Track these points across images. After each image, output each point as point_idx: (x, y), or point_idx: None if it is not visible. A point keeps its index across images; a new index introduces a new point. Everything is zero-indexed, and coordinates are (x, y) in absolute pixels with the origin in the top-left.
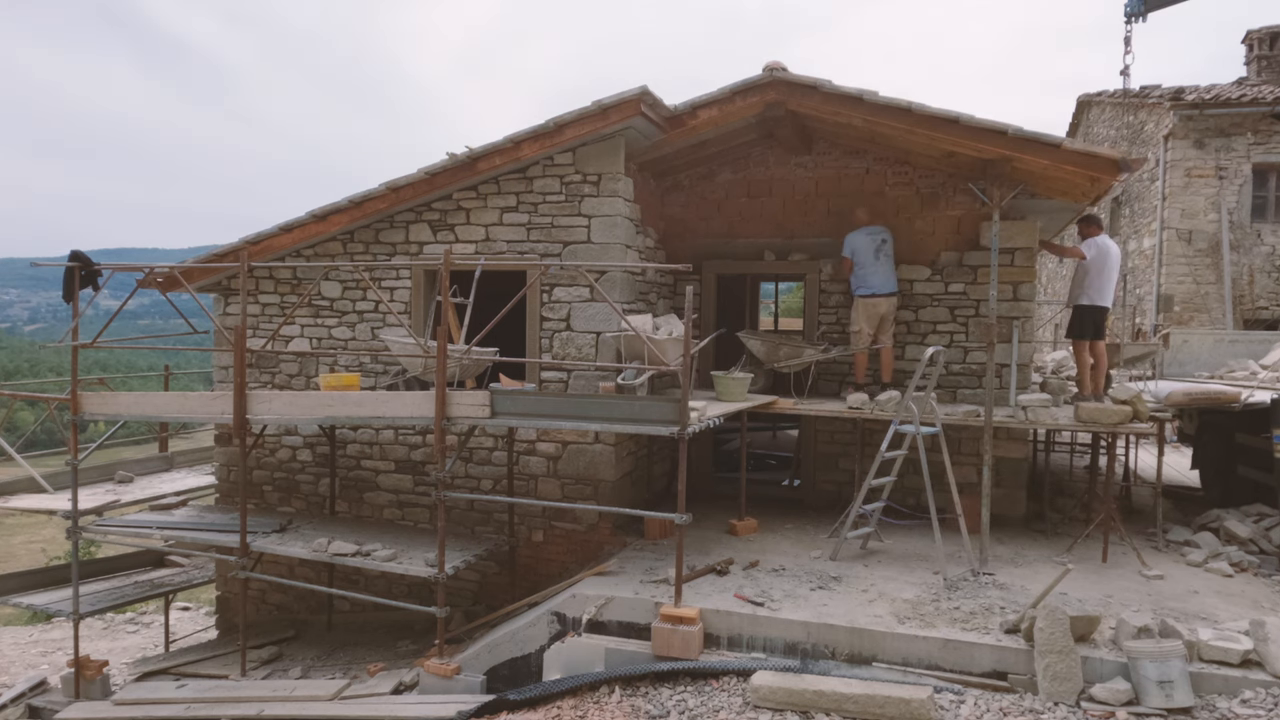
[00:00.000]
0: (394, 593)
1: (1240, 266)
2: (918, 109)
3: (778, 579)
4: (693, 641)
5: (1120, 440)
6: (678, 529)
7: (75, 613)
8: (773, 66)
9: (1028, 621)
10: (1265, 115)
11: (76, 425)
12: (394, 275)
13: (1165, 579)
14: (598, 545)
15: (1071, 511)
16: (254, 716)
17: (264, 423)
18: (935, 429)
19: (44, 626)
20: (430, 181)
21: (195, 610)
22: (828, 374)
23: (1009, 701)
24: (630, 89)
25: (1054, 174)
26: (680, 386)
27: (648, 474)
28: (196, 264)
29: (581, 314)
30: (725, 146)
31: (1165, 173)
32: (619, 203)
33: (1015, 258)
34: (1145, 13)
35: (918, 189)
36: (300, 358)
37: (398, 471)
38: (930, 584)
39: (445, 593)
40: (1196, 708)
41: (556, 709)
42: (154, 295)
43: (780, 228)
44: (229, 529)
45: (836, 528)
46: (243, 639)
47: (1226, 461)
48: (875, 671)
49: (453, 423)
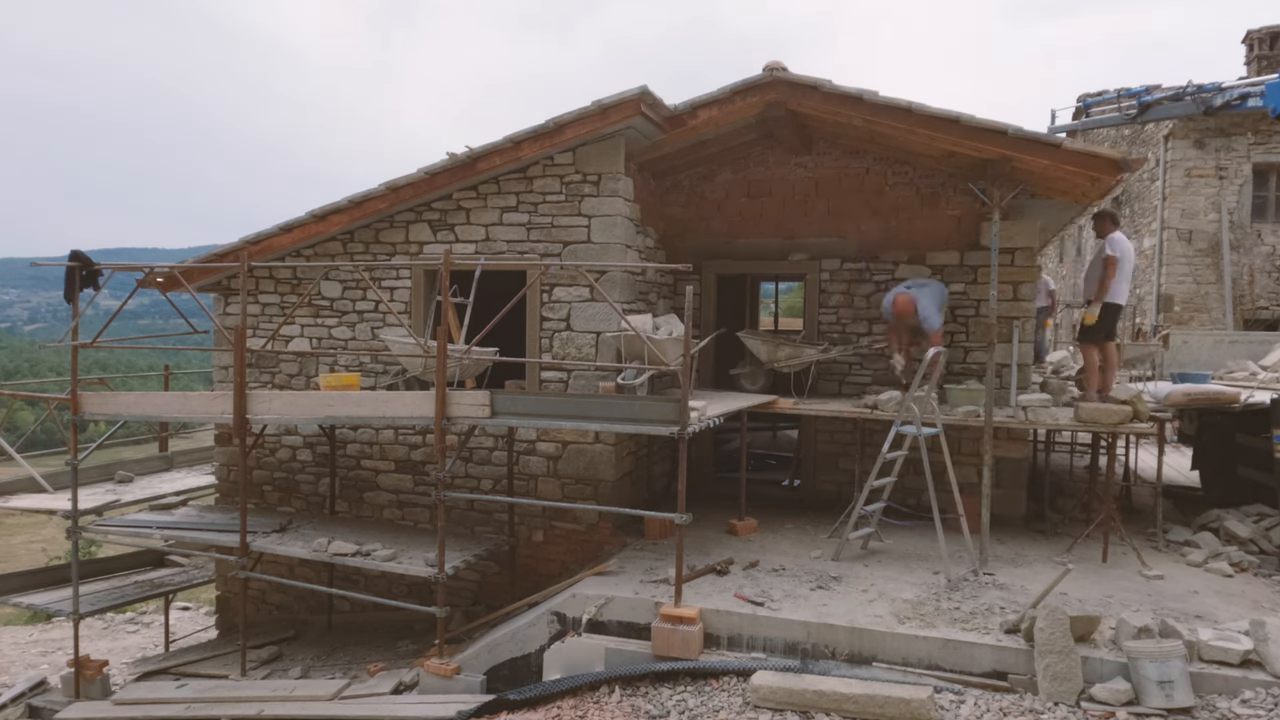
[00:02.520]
0: (394, 593)
1: (1240, 266)
2: (918, 109)
3: (778, 579)
4: (693, 641)
5: (1120, 440)
6: (678, 529)
7: (75, 612)
8: (773, 66)
9: (1028, 621)
10: (1264, 115)
11: (76, 425)
12: (394, 275)
13: (1165, 579)
14: (598, 545)
15: (1071, 511)
16: (254, 716)
17: (264, 423)
18: (936, 429)
19: (44, 626)
20: (430, 181)
21: (195, 610)
22: (828, 374)
23: (1009, 701)
24: (630, 89)
25: (1054, 174)
26: (680, 386)
27: (648, 474)
28: (196, 264)
29: (581, 314)
30: (725, 146)
31: (1165, 172)
32: (619, 203)
33: (1015, 258)
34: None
35: (918, 189)
36: (300, 358)
37: (398, 471)
38: (930, 584)
39: (445, 593)
40: (1196, 708)
41: (556, 709)
42: (154, 295)
43: (780, 228)
44: (229, 529)
45: (837, 528)
46: (243, 639)
47: (1226, 462)
48: (875, 671)
49: (453, 423)
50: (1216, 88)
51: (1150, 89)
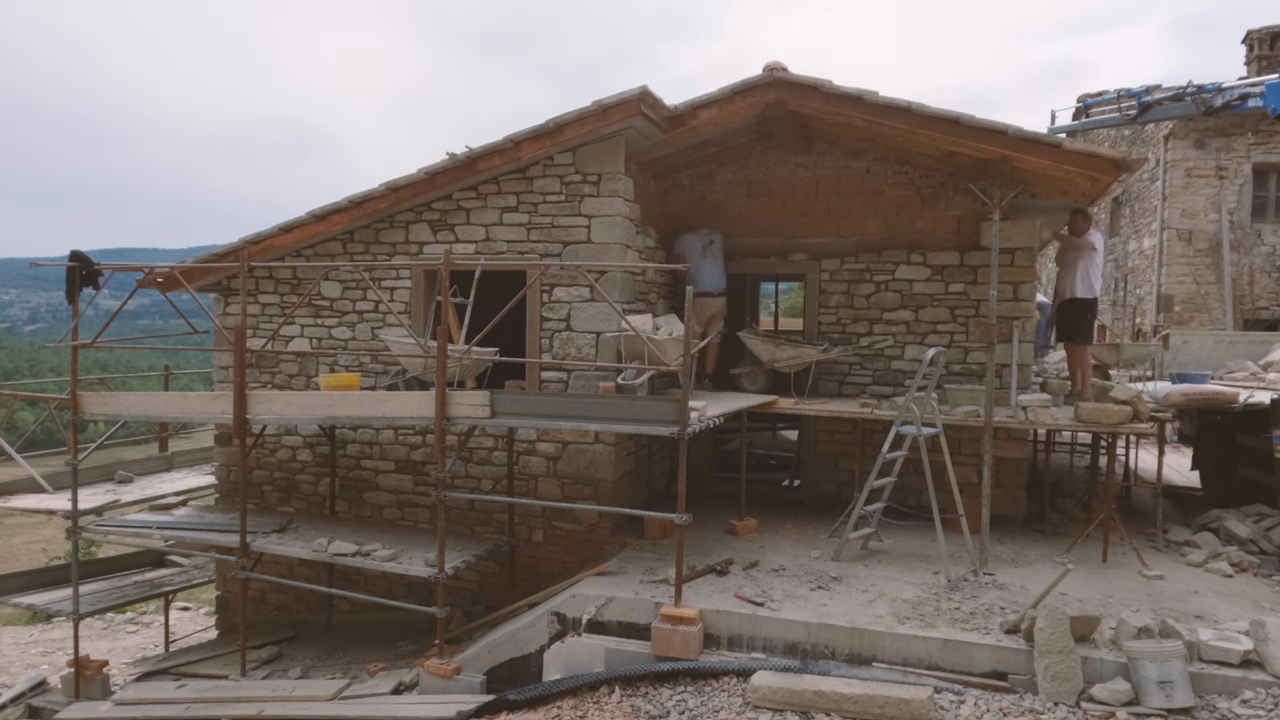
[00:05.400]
0: (394, 593)
1: (1240, 266)
2: (918, 109)
3: (778, 579)
4: (693, 641)
5: (1120, 440)
6: (678, 529)
7: (75, 613)
8: (773, 67)
9: (1028, 622)
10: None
11: (76, 425)
12: (394, 275)
13: (1165, 579)
14: (598, 545)
15: (1071, 511)
16: (254, 716)
17: (264, 423)
18: (936, 430)
19: (44, 626)
20: (430, 181)
21: (195, 610)
22: (828, 374)
23: (1009, 702)
24: (630, 89)
25: (1054, 174)
26: (680, 386)
27: (648, 474)
28: (196, 264)
29: (581, 314)
30: (725, 146)
31: (1165, 173)
32: (619, 203)
33: (1015, 258)
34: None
35: (918, 189)
36: (300, 358)
37: (398, 471)
38: (930, 584)
39: (445, 593)
40: (1196, 708)
41: (556, 709)
42: (154, 295)
43: (780, 228)
44: (229, 529)
45: (837, 528)
46: (243, 639)
47: (1226, 462)
48: (875, 671)
49: (453, 423)
50: (1216, 88)
51: (1150, 89)
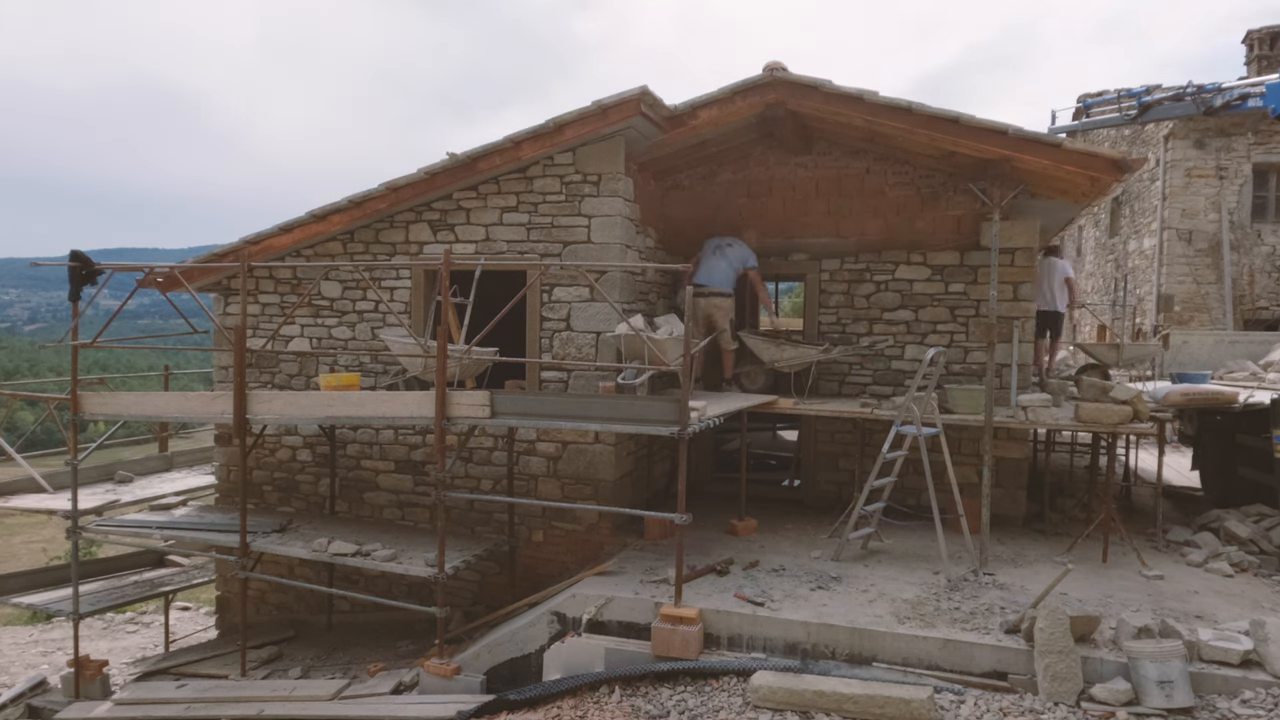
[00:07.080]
0: (394, 593)
1: (1240, 266)
2: (918, 109)
3: (778, 579)
4: (693, 641)
5: (1120, 440)
6: (678, 529)
7: (75, 612)
8: (773, 66)
9: (1028, 621)
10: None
11: (76, 425)
12: (394, 275)
13: (1165, 579)
14: (598, 545)
15: (1072, 511)
16: (254, 716)
17: (264, 423)
18: (936, 429)
19: (44, 626)
20: (430, 181)
21: (195, 610)
22: (828, 374)
23: (1009, 701)
24: (630, 89)
25: (1054, 174)
26: (680, 386)
27: (648, 474)
28: (196, 264)
29: (581, 314)
30: (725, 146)
31: (1165, 173)
32: (619, 203)
33: (1015, 258)
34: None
35: (918, 189)
36: (300, 358)
37: (398, 471)
38: (930, 584)
39: (445, 593)
40: (1196, 708)
41: (556, 709)
42: (154, 295)
43: (780, 228)
44: (229, 529)
45: (837, 527)
46: (243, 639)
47: (1227, 462)
48: (875, 671)
49: (453, 423)
50: (1216, 88)
51: (1150, 89)
